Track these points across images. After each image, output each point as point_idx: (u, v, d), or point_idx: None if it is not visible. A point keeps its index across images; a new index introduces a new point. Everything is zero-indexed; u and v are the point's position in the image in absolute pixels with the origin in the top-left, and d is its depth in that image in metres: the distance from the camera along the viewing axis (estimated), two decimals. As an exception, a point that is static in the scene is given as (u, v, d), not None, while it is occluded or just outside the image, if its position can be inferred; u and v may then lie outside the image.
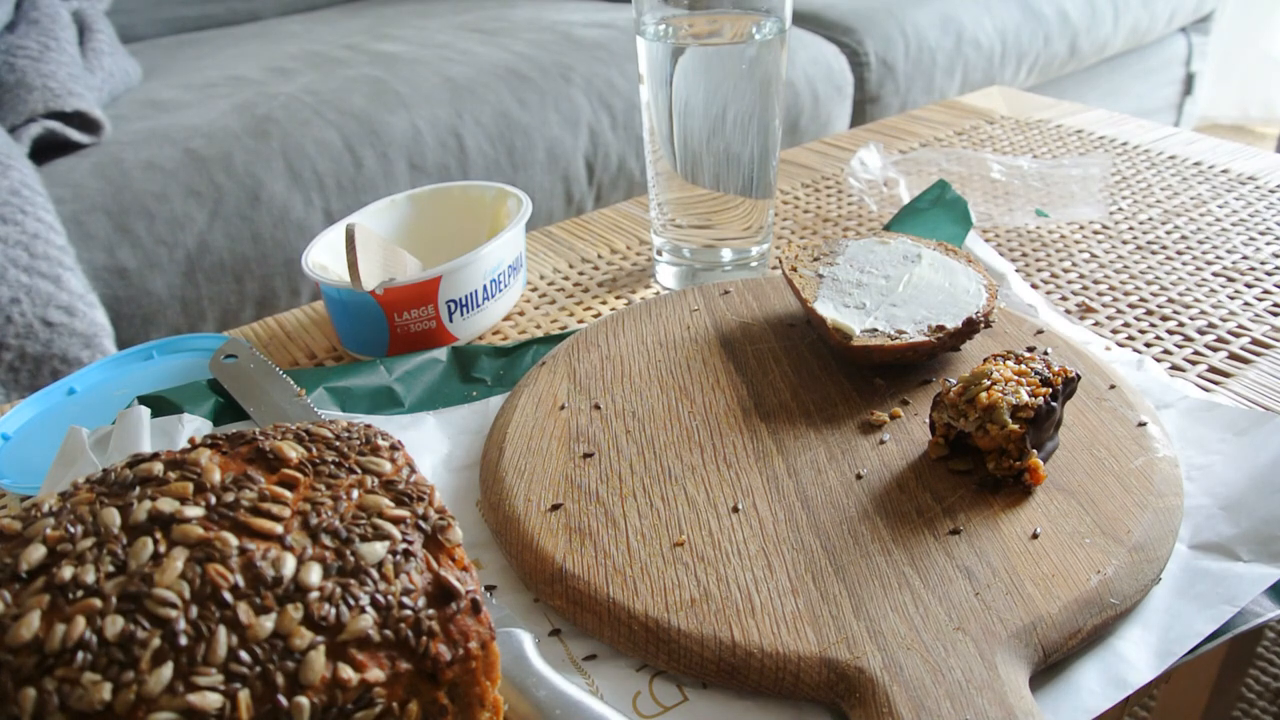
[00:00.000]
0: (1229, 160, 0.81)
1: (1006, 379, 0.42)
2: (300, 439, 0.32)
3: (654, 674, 0.37)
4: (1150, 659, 0.35)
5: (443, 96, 1.27)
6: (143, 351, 0.60)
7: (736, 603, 0.37)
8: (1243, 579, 0.38)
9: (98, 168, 1.09)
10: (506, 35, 1.47)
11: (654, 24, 0.57)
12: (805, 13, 1.64)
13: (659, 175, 0.62)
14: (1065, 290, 0.63)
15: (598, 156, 1.34)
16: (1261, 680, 1.05)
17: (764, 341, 0.54)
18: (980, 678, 0.33)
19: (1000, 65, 1.75)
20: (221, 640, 0.26)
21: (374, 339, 0.58)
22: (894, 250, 0.56)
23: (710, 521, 0.41)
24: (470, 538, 0.44)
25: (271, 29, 1.71)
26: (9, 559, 0.27)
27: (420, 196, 0.68)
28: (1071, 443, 0.44)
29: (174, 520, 0.28)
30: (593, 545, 0.40)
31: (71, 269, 0.94)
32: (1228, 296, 0.61)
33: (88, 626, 0.25)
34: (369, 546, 0.29)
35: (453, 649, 0.28)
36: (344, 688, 0.26)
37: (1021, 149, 0.86)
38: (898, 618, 0.36)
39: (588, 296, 0.66)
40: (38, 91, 1.14)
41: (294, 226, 1.13)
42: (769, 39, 0.57)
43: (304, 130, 1.18)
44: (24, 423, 0.55)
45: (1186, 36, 2.19)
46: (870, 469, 0.44)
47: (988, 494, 0.42)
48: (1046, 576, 0.37)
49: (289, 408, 0.50)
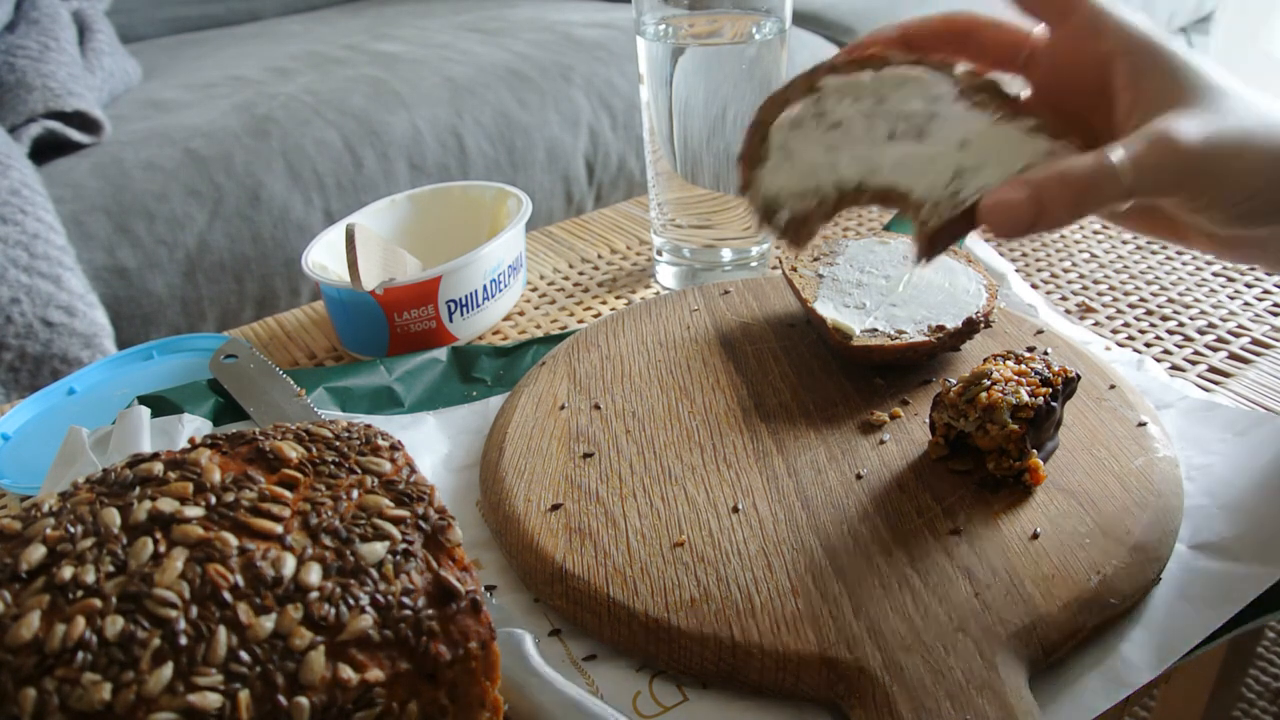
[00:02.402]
0: (1229, 160, 0.81)
1: (1006, 379, 0.42)
2: (300, 439, 0.32)
3: (654, 674, 0.37)
4: (1150, 659, 0.35)
5: (443, 96, 1.27)
6: (143, 351, 0.60)
7: (736, 603, 0.37)
8: (1242, 580, 0.38)
9: (98, 168, 1.09)
10: (506, 35, 1.47)
11: (654, 24, 0.57)
12: (805, 13, 1.64)
13: (659, 175, 0.62)
14: (1065, 290, 0.63)
15: (598, 156, 1.34)
16: (1261, 680, 1.05)
17: (764, 341, 0.54)
18: (980, 678, 0.33)
19: (1000, 65, 1.74)
20: (221, 640, 0.26)
21: (374, 339, 0.58)
22: (894, 250, 0.56)
23: (710, 521, 0.41)
24: (470, 538, 0.44)
25: (271, 29, 1.71)
26: (9, 559, 0.27)
27: (420, 196, 0.68)
28: (1071, 443, 0.44)
29: (174, 520, 0.28)
30: (593, 545, 0.40)
31: (71, 269, 0.94)
32: (1228, 296, 0.61)
33: (88, 626, 0.25)
34: (369, 546, 0.29)
35: (453, 649, 0.28)
36: (344, 688, 0.26)
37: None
38: (898, 618, 0.36)
39: (588, 296, 0.66)
40: (38, 91, 1.14)
41: (294, 226, 1.13)
42: (769, 39, 0.57)
43: (304, 130, 1.18)
44: (24, 423, 0.55)
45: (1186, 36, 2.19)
46: (870, 469, 0.44)
47: (988, 494, 0.41)
48: (1046, 576, 0.37)
49: (289, 408, 0.50)
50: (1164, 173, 0.34)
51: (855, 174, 0.38)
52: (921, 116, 0.38)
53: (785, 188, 0.39)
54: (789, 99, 0.40)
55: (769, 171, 0.39)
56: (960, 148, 0.37)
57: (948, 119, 0.38)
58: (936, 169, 0.37)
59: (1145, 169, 0.34)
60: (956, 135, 0.37)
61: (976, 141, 0.37)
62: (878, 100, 0.39)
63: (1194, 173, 0.34)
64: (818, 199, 0.38)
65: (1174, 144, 0.34)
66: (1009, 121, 0.37)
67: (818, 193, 0.38)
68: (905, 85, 0.39)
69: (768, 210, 0.38)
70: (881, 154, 0.38)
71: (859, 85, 0.39)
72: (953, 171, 0.37)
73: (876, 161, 0.38)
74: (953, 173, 0.37)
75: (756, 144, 0.40)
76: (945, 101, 0.38)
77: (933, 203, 0.36)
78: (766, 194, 0.39)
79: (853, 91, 0.39)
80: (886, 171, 0.38)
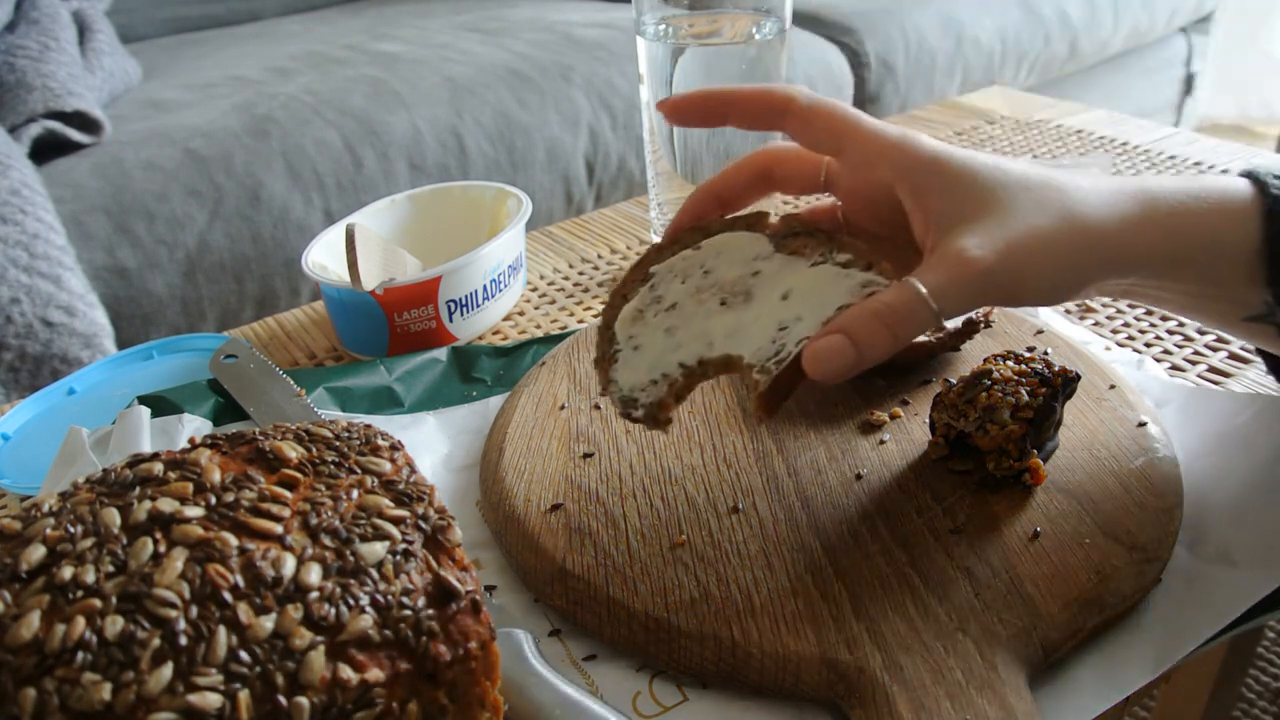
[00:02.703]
0: (1229, 160, 0.81)
1: (1006, 379, 0.42)
2: (300, 439, 0.32)
3: (654, 674, 0.37)
4: (1150, 659, 0.35)
5: (443, 96, 1.27)
6: (143, 351, 0.60)
7: (736, 603, 0.37)
8: (1243, 583, 0.38)
9: (98, 168, 1.09)
10: (506, 35, 1.47)
11: (654, 24, 0.57)
12: (805, 13, 1.64)
13: (659, 175, 0.62)
14: (1065, 290, 0.63)
15: (598, 156, 1.34)
16: (1261, 680, 1.05)
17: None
18: (980, 678, 0.33)
19: (1000, 65, 1.75)
20: (221, 640, 0.26)
21: (374, 339, 0.58)
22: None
23: (710, 521, 0.41)
24: (470, 538, 0.44)
25: (271, 29, 1.71)
26: (9, 559, 0.27)
27: (420, 196, 0.68)
28: (1071, 443, 0.44)
29: (174, 520, 0.28)
30: (593, 545, 0.40)
31: (71, 269, 0.94)
32: (1228, 296, 0.61)
33: (88, 626, 0.25)
34: (369, 547, 0.29)
35: (453, 649, 0.28)
36: (344, 688, 0.26)
37: (1021, 149, 0.86)
38: (898, 618, 0.36)
39: (588, 296, 0.66)
40: (38, 91, 1.14)
41: (294, 226, 1.13)
42: (769, 39, 0.57)
43: (304, 130, 1.18)
44: (24, 423, 0.55)
45: (1186, 36, 2.18)
46: (870, 469, 0.44)
47: (988, 494, 0.41)
48: (1046, 576, 0.37)
49: (289, 408, 0.50)
50: (966, 292, 0.35)
51: (694, 353, 0.39)
52: (746, 280, 0.40)
53: (637, 382, 0.39)
54: (627, 294, 0.42)
55: (621, 368, 0.40)
56: (783, 300, 0.38)
57: (769, 274, 0.40)
58: (762, 329, 0.38)
59: (948, 294, 0.35)
60: (779, 289, 0.39)
61: (796, 290, 0.39)
62: (705, 273, 0.41)
63: (994, 285, 0.35)
64: (668, 384, 0.39)
65: (967, 265, 0.35)
66: (825, 262, 0.39)
67: (666, 378, 0.39)
68: (725, 251, 0.41)
69: (626, 405, 0.39)
70: (715, 326, 0.39)
71: (685, 262, 0.41)
72: (776, 327, 0.38)
73: (711, 335, 0.39)
74: (776, 329, 0.38)
75: (606, 345, 0.41)
76: (764, 258, 0.40)
77: (760, 365, 0.37)
78: (623, 392, 0.40)
79: (681, 270, 0.41)
80: (720, 344, 0.39)
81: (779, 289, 0.39)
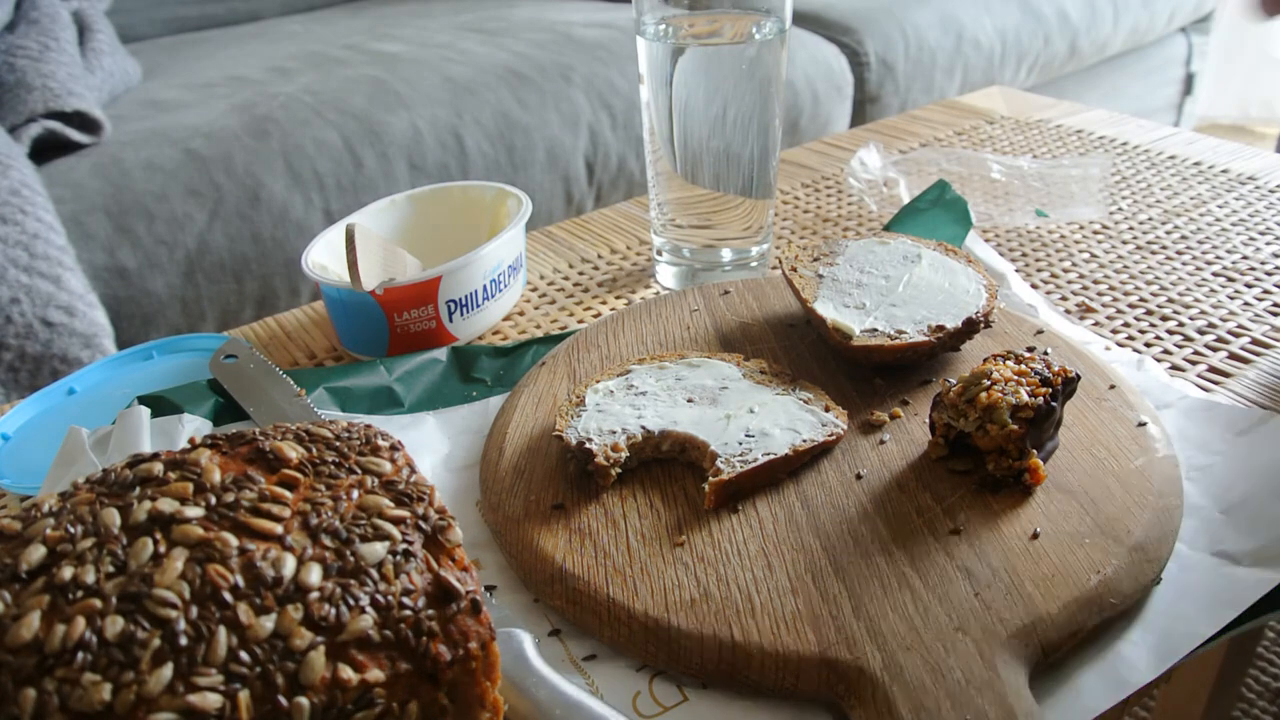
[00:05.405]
0: (1229, 160, 0.81)
1: (1006, 379, 0.42)
2: (300, 439, 0.32)
3: (654, 674, 0.37)
4: (1150, 659, 0.35)
5: (443, 96, 1.27)
6: (143, 351, 0.60)
7: (736, 603, 0.37)
8: (1243, 581, 0.38)
9: (98, 168, 1.09)
10: (506, 35, 1.47)
11: (654, 24, 0.57)
12: (805, 13, 1.64)
13: (659, 175, 0.62)
14: (1065, 290, 0.63)
15: (598, 156, 1.34)
16: (1261, 680, 1.05)
17: (764, 342, 0.54)
18: (980, 678, 0.33)
19: (1000, 65, 1.75)
20: (221, 640, 0.26)
21: (374, 339, 0.58)
22: (894, 250, 0.56)
23: (710, 521, 0.41)
24: (470, 538, 0.44)
25: (271, 29, 1.71)
26: (9, 559, 0.27)
27: (420, 196, 0.68)
28: (1071, 443, 0.44)
29: (174, 520, 0.28)
30: (593, 545, 0.40)
31: (71, 269, 0.94)
32: (1228, 296, 0.61)
33: (88, 627, 0.25)
34: (369, 547, 0.29)
35: (453, 649, 0.28)
36: (344, 688, 0.26)
37: (1021, 149, 0.86)
38: (898, 618, 0.36)
39: (588, 296, 0.66)
40: (38, 91, 1.14)
41: (294, 226, 1.13)
42: (769, 39, 0.57)
43: (304, 130, 1.18)
44: (24, 423, 0.55)
45: (1186, 36, 2.18)
46: (870, 469, 0.44)
47: (988, 494, 0.41)
48: (1046, 576, 0.37)
49: (289, 408, 0.50)
50: None
51: (657, 425, 0.45)
52: (715, 390, 0.47)
53: (595, 428, 0.45)
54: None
55: (583, 421, 0.45)
56: (750, 413, 0.45)
57: (738, 391, 0.47)
58: (729, 428, 0.44)
59: None
60: (748, 404, 0.46)
61: (764, 409, 0.45)
62: (677, 379, 0.48)
63: None
64: (625, 436, 0.44)
65: None
66: (788, 395, 0.47)
67: (625, 432, 0.44)
68: (701, 367, 0.49)
69: (579, 443, 0.44)
70: (681, 414, 0.45)
71: (662, 369, 0.49)
72: (744, 433, 0.44)
73: (676, 418, 0.45)
74: (744, 434, 0.44)
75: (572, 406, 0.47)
76: (734, 380, 0.48)
77: (725, 457, 0.42)
78: (579, 434, 0.44)
79: (656, 373, 0.49)
80: (685, 427, 0.44)
81: (748, 403, 0.46)
